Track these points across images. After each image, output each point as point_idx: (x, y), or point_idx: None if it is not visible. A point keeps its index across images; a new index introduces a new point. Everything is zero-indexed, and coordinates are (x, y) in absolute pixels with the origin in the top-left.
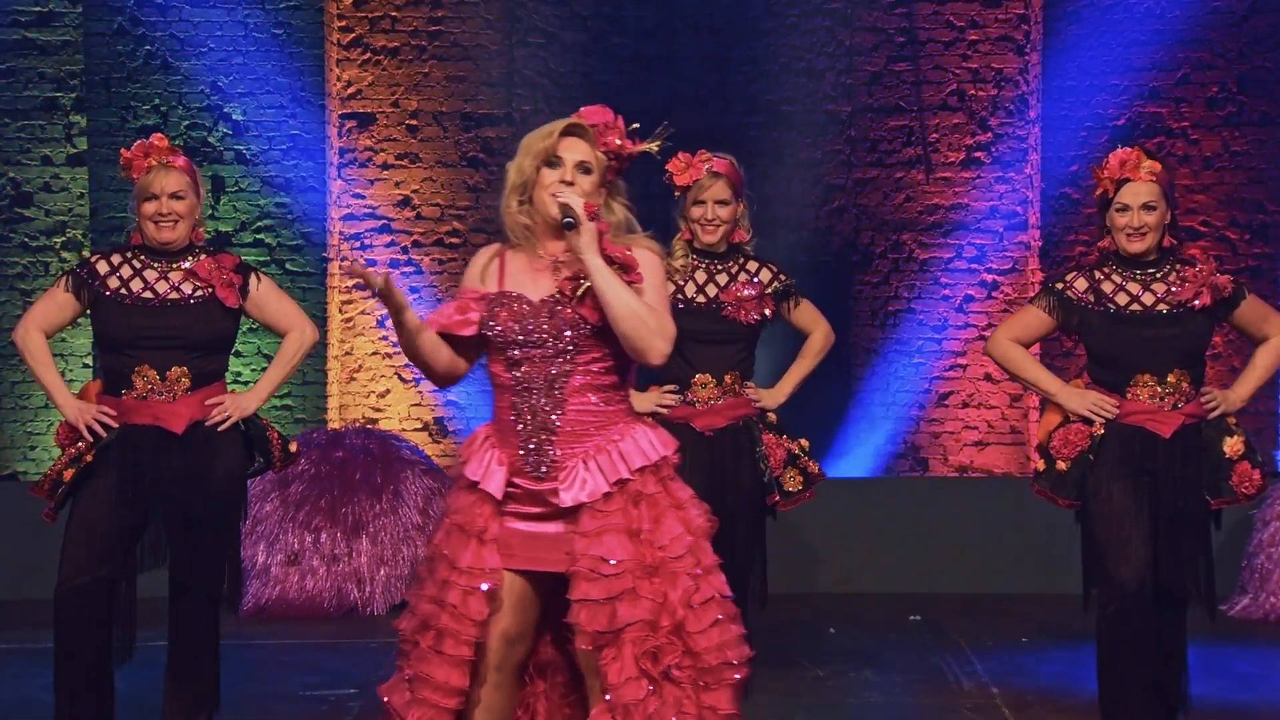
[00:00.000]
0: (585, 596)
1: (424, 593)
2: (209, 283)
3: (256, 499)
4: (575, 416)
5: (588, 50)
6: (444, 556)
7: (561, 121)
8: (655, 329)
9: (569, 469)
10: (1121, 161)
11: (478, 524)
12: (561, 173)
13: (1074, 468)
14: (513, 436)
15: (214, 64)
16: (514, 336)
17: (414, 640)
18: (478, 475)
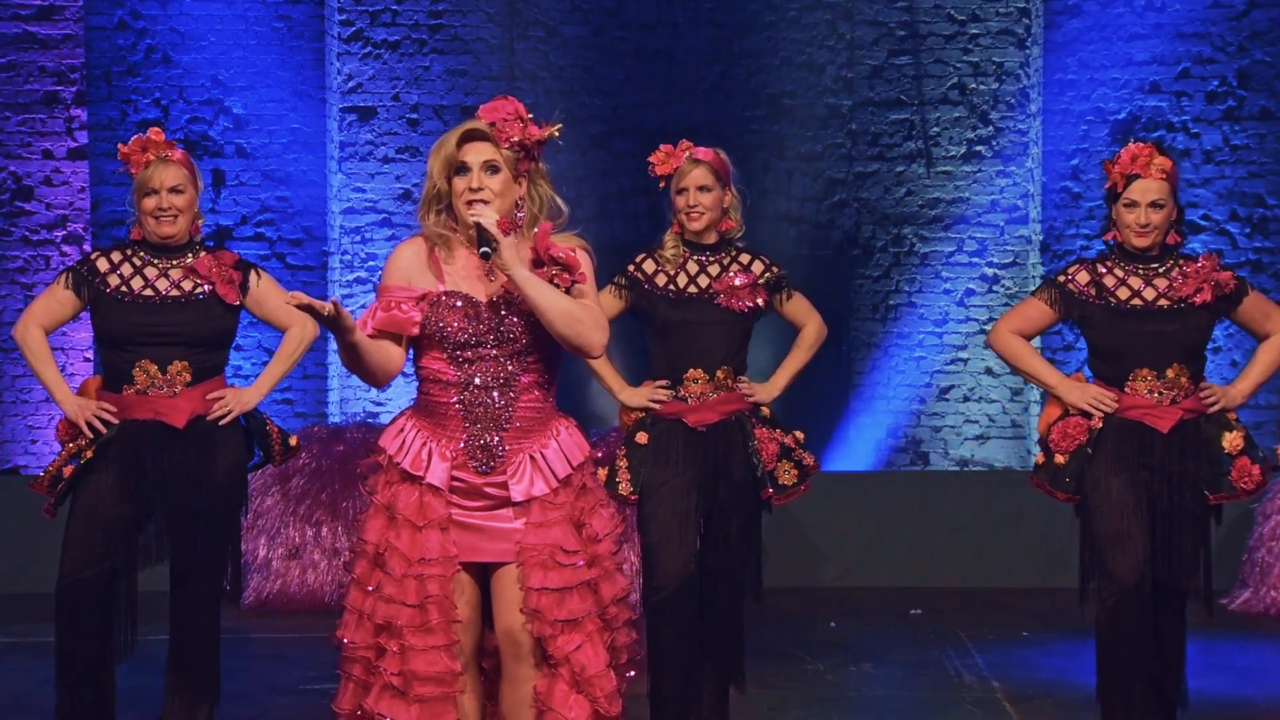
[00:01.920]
0: (545, 585)
1: (377, 595)
2: (209, 280)
3: (257, 493)
4: (523, 413)
5: (588, 44)
6: (397, 550)
7: (458, 128)
8: (591, 324)
9: (516, 463)
10: (1133, 157)
11: (435, 514)
12: (470, 179)
13: (1072, 461)
14: (456, 431)
15: (214, 58)
16: (466, 337)
17: (376, 645)
18: (419, 469)
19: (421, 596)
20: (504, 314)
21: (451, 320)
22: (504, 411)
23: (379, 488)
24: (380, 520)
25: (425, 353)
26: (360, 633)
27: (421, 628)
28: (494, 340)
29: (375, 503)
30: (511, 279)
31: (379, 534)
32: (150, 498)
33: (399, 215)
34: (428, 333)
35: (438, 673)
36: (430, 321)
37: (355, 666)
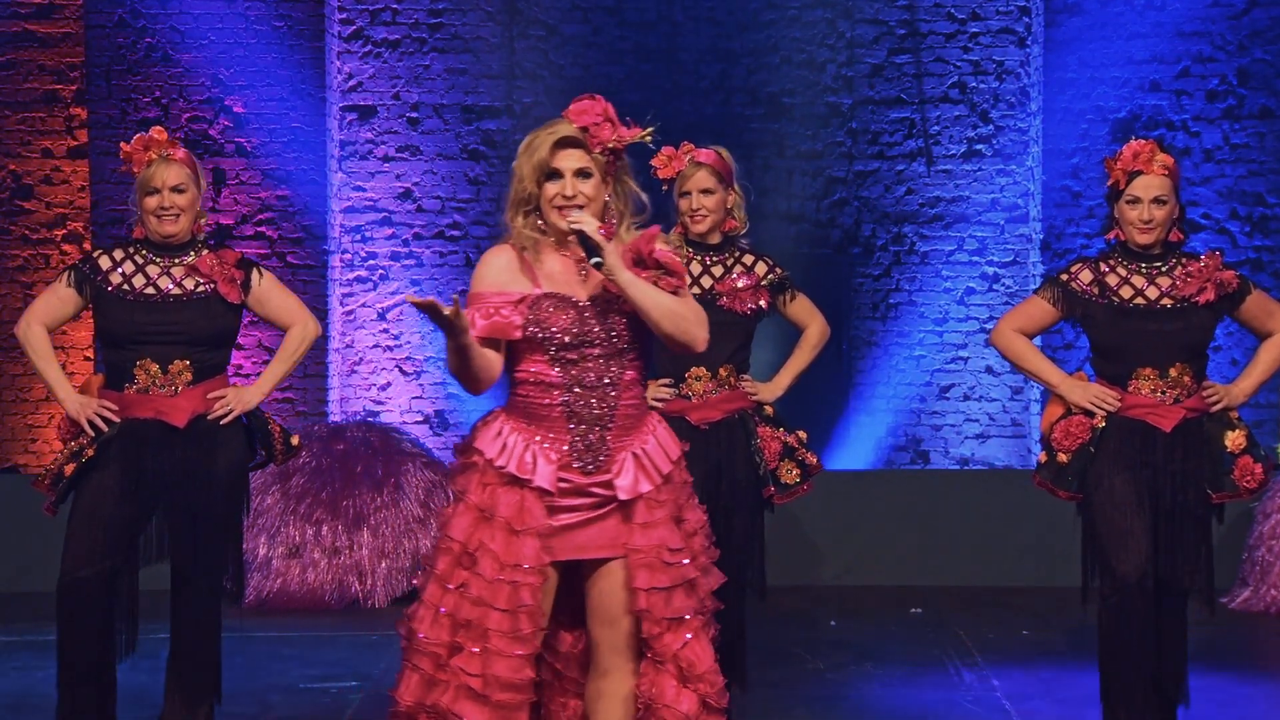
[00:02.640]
0: (654, 585)
1: (460, 593)
2: (211, 279)
3: (258, 492)
4: (625, 411)
5: (588, 43)
6: (490, 552)
7: (550, 133)
8: (694, 320)
9: (620, 461)
10: (1135, 153)
11: (535, 520)
12: (561, 186)
13: (1075, 460)
14: (560, 432)
15: (215, 56)
16: (569, 338)
17: (452, 643)
18: (527, 472)
19: (515, 603)
20: (605, 313)
21: (554, 322)
22: (608, 410)
23: (472, 489)
24: (468, 519)
25: (524, 356)
26: (436, 629)
27: (511, 634)
28: (596, 340)
29: (467, 502)
30: (617, 283)
31: (466, 532)
32: (151, 497)
33: (399, 214)
34: (529, 335)
35: (520, 681)
36: (531, 324)
37: (425, 660)
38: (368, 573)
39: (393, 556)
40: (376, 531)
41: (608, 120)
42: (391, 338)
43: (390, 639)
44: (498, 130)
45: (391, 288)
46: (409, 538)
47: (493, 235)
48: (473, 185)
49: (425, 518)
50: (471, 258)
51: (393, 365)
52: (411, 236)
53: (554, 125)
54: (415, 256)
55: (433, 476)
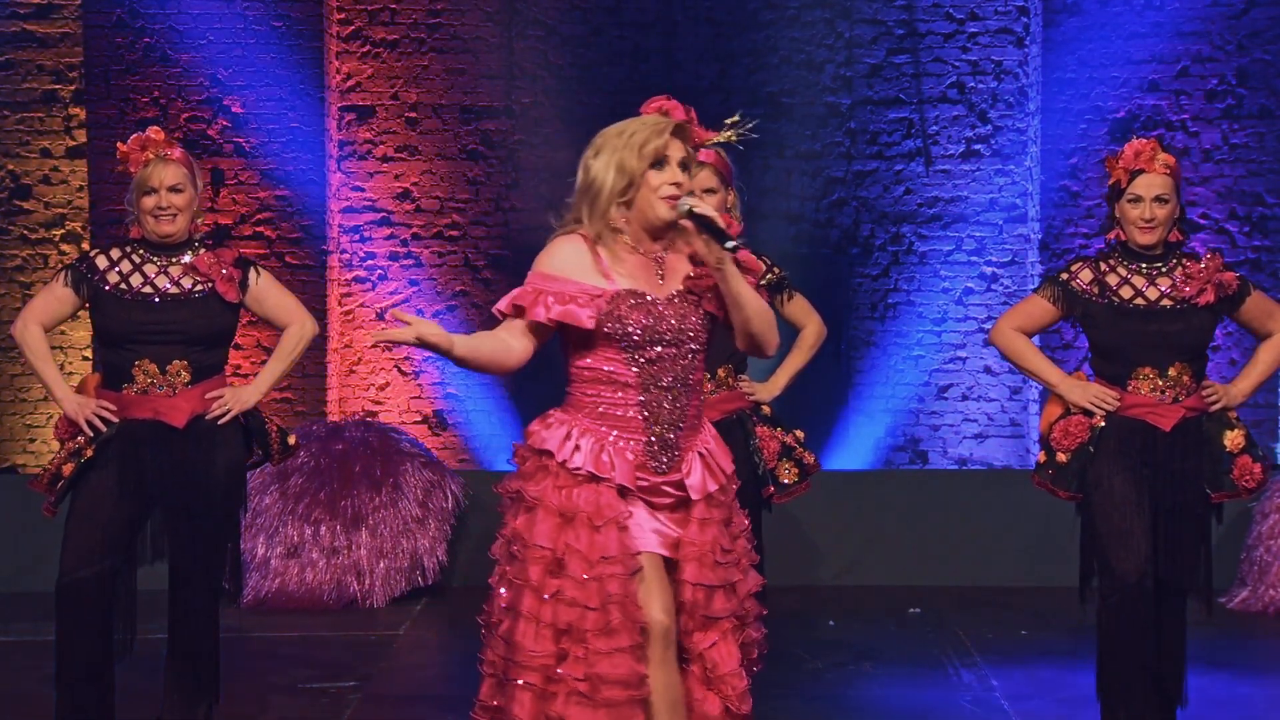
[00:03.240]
0: (700, 580)
1: (557, 599)
2: (208, 278)
3: (256, 491)
4: (693, 411)
5: (587, 43)
6: (577, 552)
7: (664, 122)
8: (771, 324)
9: (688, 461)
10: (1136, 152)
11: (614, 512)
12: (668, 174)
13: (1074, 460)
14: (636, 432)
15: (213, 57)
16: (649, 337)
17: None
18: (606, 471)
19: (604, 598)
20: (682, 312)
21: (632, 319)
22: (682, 410)
23: (548, 493)
24: (551, 524)
25: (596, 352)
26: (541, 641)
27: (604, 630)
28: (674, 339)
29: (546, 507)
30: (726, 276)
31: (553, 538)
32: (150, 496)
33: (398, 214)
34: (605, 332)
35: (623, 676)
36: (608, 321)
37: (534, 675)
38: (366, 573)
39: (391, 556)
40: (375, 531)
41: (692, 120)
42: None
43: (389, 638)
44: (496, 130)
45: (390, 288)
46: (407, 538)
47: (491, 235)
48: (471, 185)
49: (424, 517)
50: (470, 258)
51: (391, 365)
52: (410, 236)
53: (649, 118)
54: (414, 256)
55: (431, 476)
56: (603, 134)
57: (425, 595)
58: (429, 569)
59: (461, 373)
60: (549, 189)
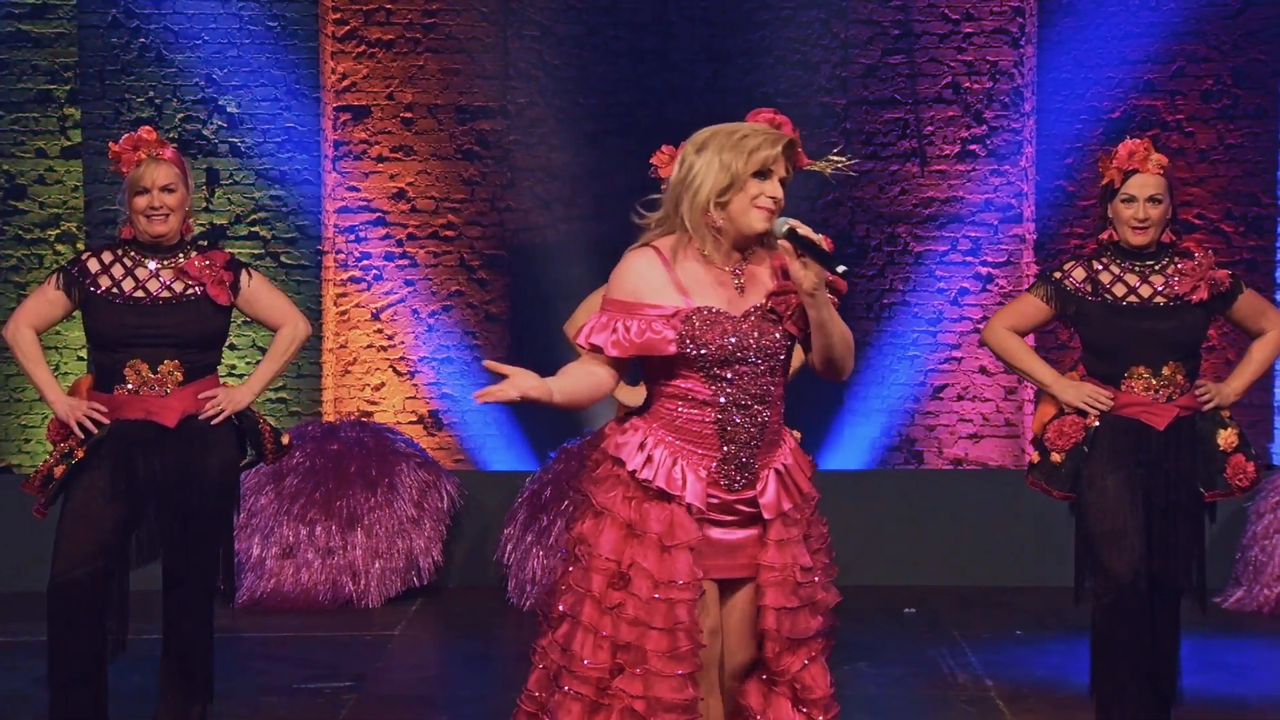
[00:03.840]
0: (783, 604)
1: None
2: (200, 281)
3: (251, 492)
4: (772, 428)
5: (582, 43)
6: (644, 569)
7: (780, 133)
8: (851, 349)
9: (764, 479)
10: (1130, 152)
11: (687, 535)
12: (770, 187)
13: (1068, 460)
14: (711, 449)
15: (208, 57)
16: (726, 355)
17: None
18: (677, 488)
19: (671, 621)
20: (759, 329)
21: (710, 338)
22: (759, 428)
23: (617, 504)
24: (616, 535)
25: (675, 371)
26: (598, 652)
27: (670, 654)
28: (752, 357)
29: (614, 517)
30: (817, 302)
31: (618, 550)
32: (142, 497)
33: (393, 214)
34: (682, 351)
35: (684, 701)
36: (685, 339)
37: (587, 686)
38: (361, 573)
39: (386, 557)
40: (370, 532)
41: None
42: (385, 338)
43: (384, 638)
44: (492, 130)
45: (385, 288)
46: (402, 538)
47: (486, 235)
48: (467, 185)
49: (419, 518)
50: (465, 258)
51: (386, 365)
52: (405, 236)
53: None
54: (409, 257)
55: (426, 477)
56: (710, 130)
57: (420, 595)
58: (424, 569)
59: (456, 373)
60: (544, 189)
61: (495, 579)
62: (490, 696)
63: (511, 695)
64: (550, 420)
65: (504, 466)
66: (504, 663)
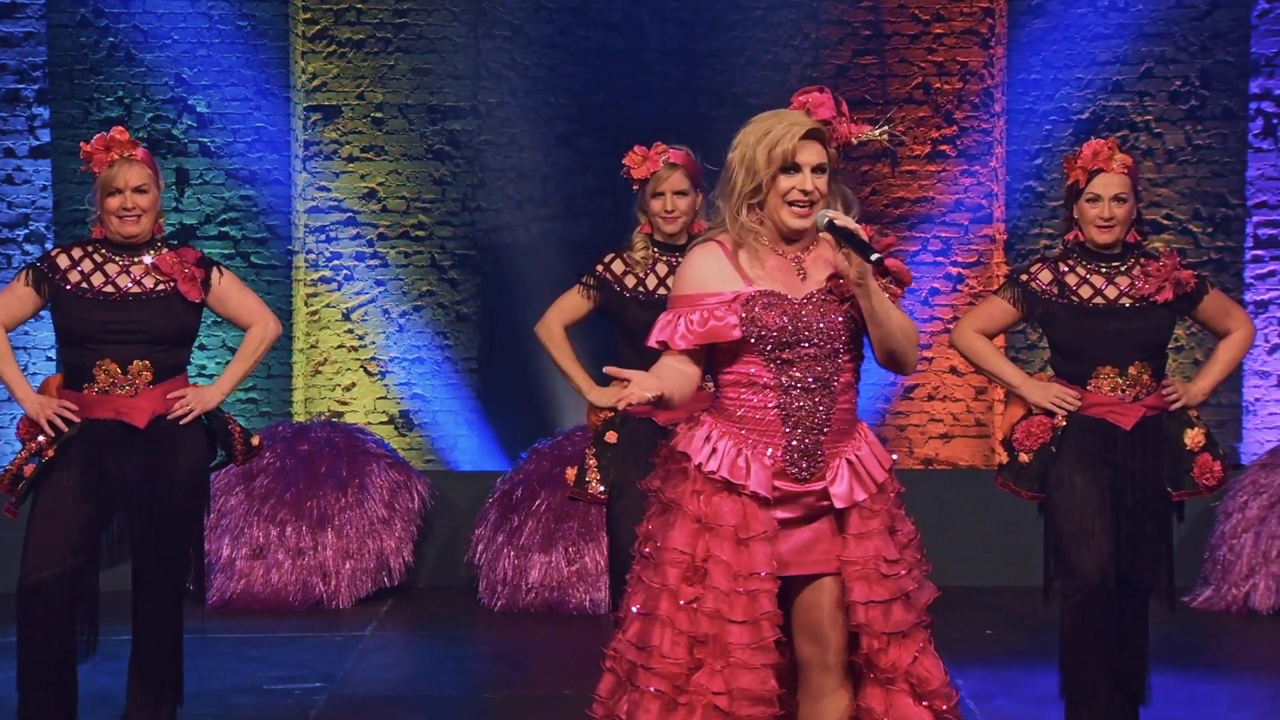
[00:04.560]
0: (872, 598)
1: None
2: (171, 277)
3: (222, 492)
4: (841, 416)
5: (554, 43)
6: (721, 562)
7: (798, 123)
8: (915, 341)
9: (834, 468)
10: (1095, 152)
11: (762, 526)
12: (800, 180)
13: (1036, 460)
14: (775, 436)
15: (178, 56)
16: (786, 337)
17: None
18: (741, 477)
19: (754, 613)
20: (821, 311)
21: (770, 320)
22: (823, 414)
23: (686, 498)
24: (688, 529)
25: (736, 356)
26: (675, 647)
27: (754, 645)
28: (813, 340)
29: (684, 512)
30: (867, 291)
31: (690, 543)
32: (112, 497)
33: (364, 214)
34: (743, 335)
35: (768, 693)
36: (746, 323)
37: (663, 682)
38: (332, 573)
39: (357, 557)
40: (341, 532)
41: (842, 115)
42: (356, 338)
43: (355, 639)
44: (463, 130)
45: (356, 288)
46: (373, 538)
47: (457, 236)
48: (438, 185)
49: (390, 518)
50: (437, 258)
51: (357, 366)
52: (376, 236)
53: (790, 115)
54: (380, 257)
55: (397, 477)
56: (748, 125)
57: (391, 596)
58: (395, 570)
59: (427, 373)
60: (515, 189)
61: (466, 579)
62: (461, 697)
63: (483, 696)
64: (521, 421)
65: (475, 467)
66: (475, 664)
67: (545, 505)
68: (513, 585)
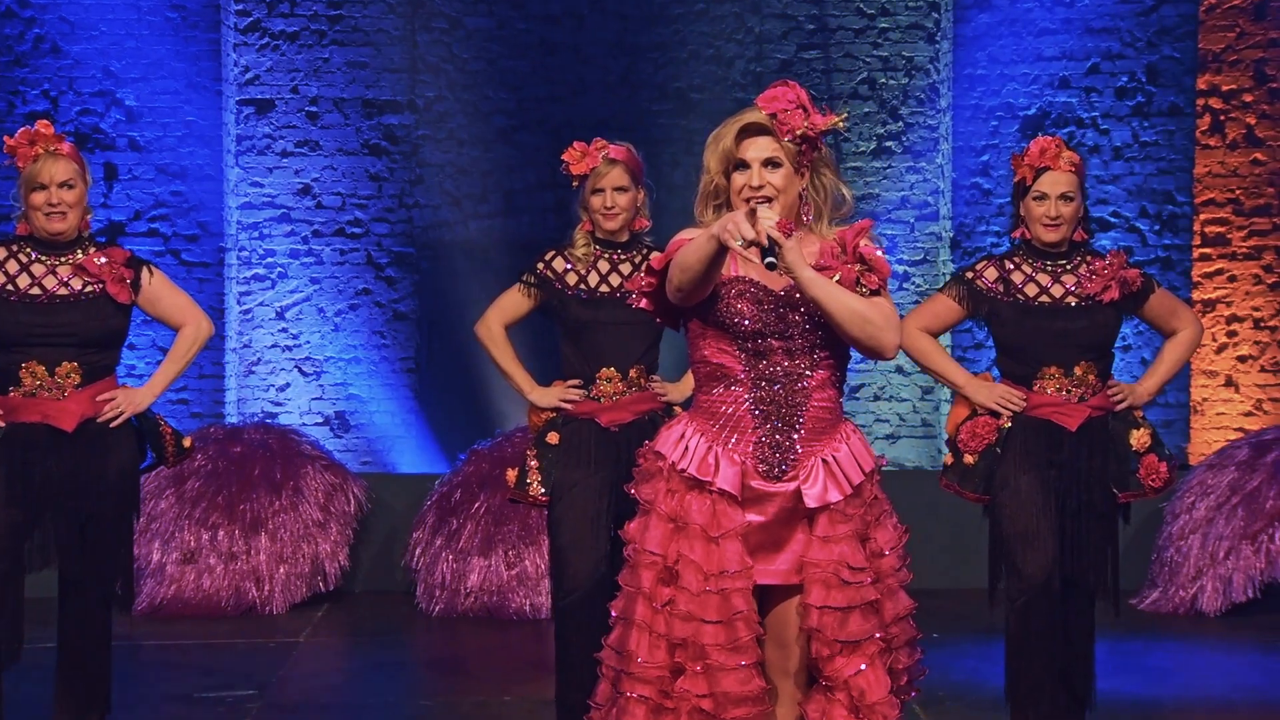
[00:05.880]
0: (827, 603)
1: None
2: (99, 278)
3: (152, 496)
4: (816, 413)
5: (492, 36)
6: (692, 562)
7: (737, 119)
8: (882, 324)
9: (808, 468)
10: (1042, 150)
11: (732, 522)
12: (750, 176)
13: (981, 461)
14: (745, 431)
15: (106, 48)
16: (759, 327)
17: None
18: (708, 474)
19: (728, 612)
20: (799, 306)
21: (743, 307)
22: (796, 410)
23: (660, 497)
24: (662, 530)
25: (710, 344)
26: (655, 651)
27: (730, 645)
28: (787, 332)
29: (658, 512)
30: (796, 281)
31: (664, 544)
32: (39, 502)
33: (298, 210)
34: (717, 320)
35: (752, 692)
36: (720, 308)
37: (648, 688)
38: (265, 578)
39: (291, 562)
40: (274, 536)
41: (799, 107)
42: (290, 337)
43: (289, 645)
44: (399, 125)
45: (290, 286)
46: (308, 542)
47: (394, 232)
48: (374, 181)
49: (325, 521)
50: (373, 255)
51: (291, 365)
52: (311, 234)
53: (742, 113)
54: (315, 254)
55: (333, 479)
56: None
57: (326, 601)
58: (330, 574)
59: (365, 374)
60: (454, 185)
61: (403, 584)
62: (398, 705)
63: (420, 703)
64: (460, 421)
65: (413, 469)
66: (412, 670)
67: (485, 508)
68: (451, 590)
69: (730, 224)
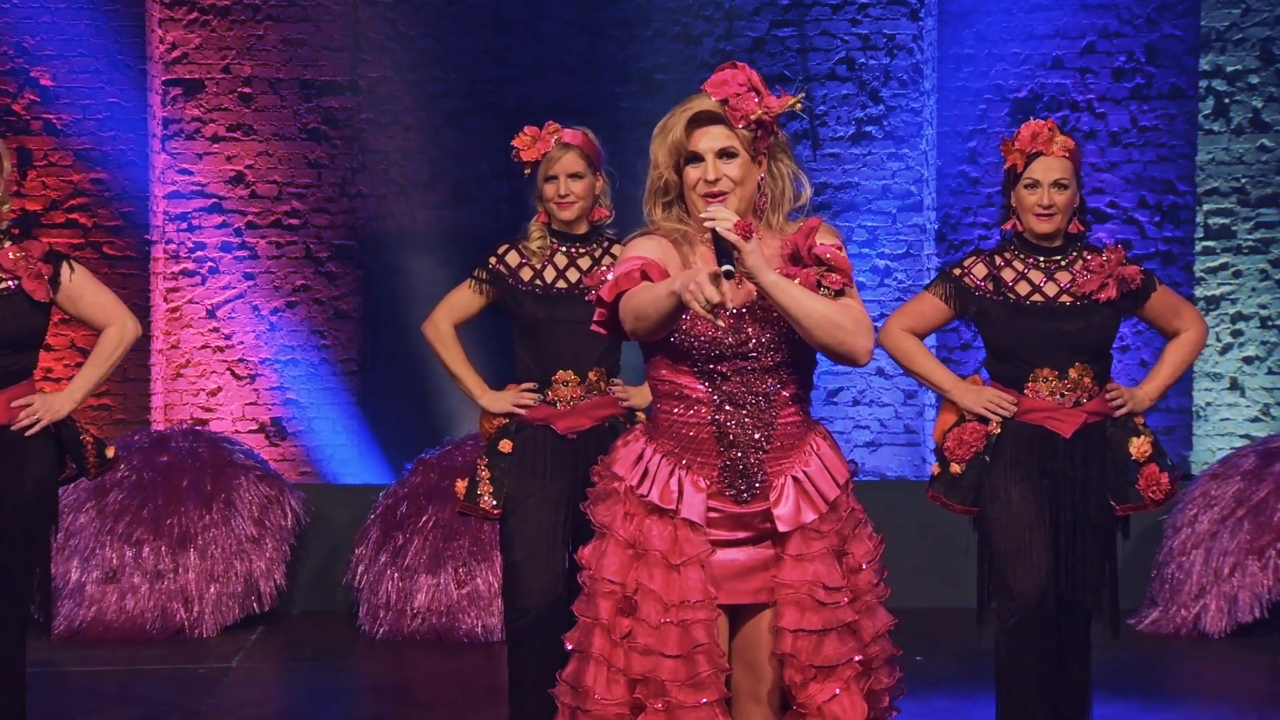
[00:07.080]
0: (801, 626)
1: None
2: (14, 274)
3: (70, 509)
4: (784, 431)
5: (441, 12)
6: (651, 593)
7: (685, 109)
8: (853, 328)
9: (778, 487)
10: (1033, 134)
11: (694, 550)
12: (704, 169)
13: (969, 470)
14: (710, 455)
15: (18, 23)
16: (719, 349)
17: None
18: (671, 501)
19: (687, 646)
20: (761, 321)
21: (699, 329)
22: (763, 431)
23: (617, 521)
24: (620, 557)
25: (667, 364)
26: (613, 687)
27: (690, 682)
28: (751, 351)
29: (615, 538)
30: (759, 286)
31: (622, 573)
32: None
33: (230, 200)
34: (671, 341)
35: None
36: (684, 328)
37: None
38: (195, 599)
39: (223, 580)
40: (205, 553)
41: (752, 90)
42: (222, 337)
43: (220, 671)
44: (341, 108)
45: (222, 282)
46: (241, 559)
47: (334, 224)
48: (313, 169)
49: (259, 537)
50: (312, 249)
51: (224, 368)
52: (244, 225)
53: (690, 101)
54: (249, 247)
55: (268, 491)
56: None
57: (261, 623)
58: (265, 594)
59: (303, 376)
60: (399, 172)
61: (345, 604)
62: None
63: None
64: (406, 429)
65: (355, 480)
66: (354, 696)
67: (433, 522)
68: (397, 610)
69: (693, 285)
